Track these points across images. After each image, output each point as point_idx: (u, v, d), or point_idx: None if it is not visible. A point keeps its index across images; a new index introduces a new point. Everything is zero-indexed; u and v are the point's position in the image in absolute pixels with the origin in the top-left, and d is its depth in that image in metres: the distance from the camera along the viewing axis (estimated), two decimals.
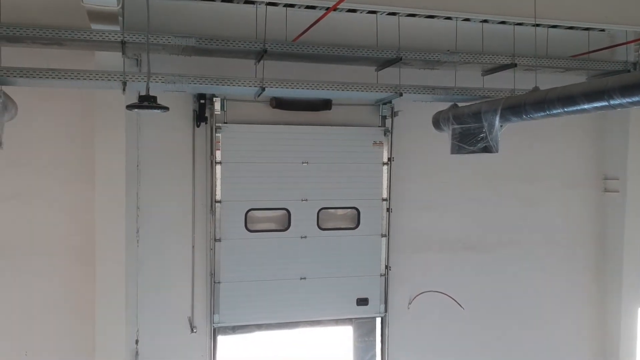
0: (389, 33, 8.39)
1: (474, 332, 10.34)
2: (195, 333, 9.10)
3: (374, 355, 10.04)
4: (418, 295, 10.01)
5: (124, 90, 6.84)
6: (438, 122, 8.43)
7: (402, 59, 7.88)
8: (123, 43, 6.74)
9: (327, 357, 9.94)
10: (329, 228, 9.53)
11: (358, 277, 9.64)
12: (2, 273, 8.33)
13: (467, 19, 9.10)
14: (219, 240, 9.02)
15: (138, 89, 7.33)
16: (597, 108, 5.77)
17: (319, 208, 9.44)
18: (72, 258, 8.47)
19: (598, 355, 11.06)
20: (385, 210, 9.69)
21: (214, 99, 8.77)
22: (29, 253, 8.35)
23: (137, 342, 8.78)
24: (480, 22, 9.16)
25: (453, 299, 10.08)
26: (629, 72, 9.02)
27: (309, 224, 9.40)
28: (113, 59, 7.28)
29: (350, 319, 9.87)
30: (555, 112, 6.31)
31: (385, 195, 9.67)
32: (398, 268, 9.90)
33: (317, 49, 7.65)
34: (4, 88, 6.50)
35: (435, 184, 10.11)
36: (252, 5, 7.91)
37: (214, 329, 9.19)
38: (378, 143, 9.58)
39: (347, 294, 9.63)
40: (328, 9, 6.59)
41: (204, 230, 9.10)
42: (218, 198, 8.97)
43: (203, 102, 8.76)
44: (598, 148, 10.94)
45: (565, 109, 6.16)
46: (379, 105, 9.56)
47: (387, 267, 9.77)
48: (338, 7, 8.27)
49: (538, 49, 9.19)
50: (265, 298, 9.25)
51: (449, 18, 8.98)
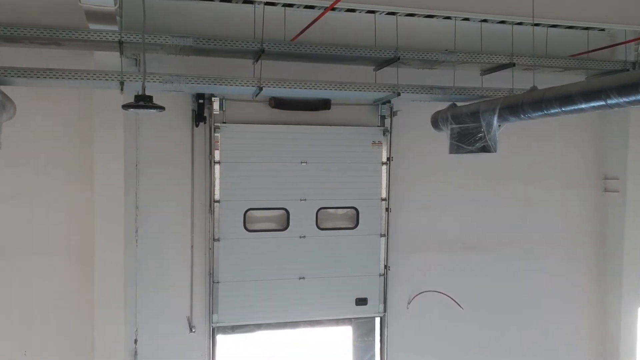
0: (388, 33, 8.39)
1: (474, 332, 10.32)
2: (194, 333, 9.11)
3: (373, 355, 10.03)
4: (417, 295, 9.99)
5: (122, 90, 6.85)
6: (437, 121, 8.42)
7: (399, 59, 7.87)
8: (121, 43, 6.75)
9: (326, 357, 9.93)
10: (328, 228, 9.52)
11: (357, 277, 9.63)
12: (1, 273, 8.35)
13: (466, 19, 9.11)
14: (218, 240, 9.02)
15: (137, 89, 7.33)
16: (594, 108, 5.74)
17: (318, 208, 9.44)
18: (71, 258, 8.49)
19: (598, 355, 11.03)
20: (384, 210, 9.68)
21: (213, 99, 8.76)
22: (28, 253, 8.37)
23: (136, 341, 8.79)
24: (480, 21, 9.16)
25: (452, 299, 10.05)
26: (628, 71, 9.00)
27: (308, 224, 9.39)
28: (112, 59, 7.28)
29: (350, 319, 9.86)
30: (553, 111, 6.29)
31: (384, 195, 9.67)
32: (397, 268, 9.89)
33: (314, 49, 7.64)
34: (2, 88, 6.50)
35: (435, 184, 10.09)
36: (251, 5, 7.93)
37: (213, 329, 9.19)
38: (377, 143, 9.57)
39: (346, 294, 9.62)
40: (325, 9, 6.56)
41: (203, 230, 9.10)
42: (217, 198, 8.97)
43: (202, 101, 8.77)
44: (598, 148, 10.91)
45: (563, 109, 6.13)
46: (378, 105, 9.54)
47: (386, 267, 9.76)
48: (337, 6, 8.33)
49: (538, 49, 9.20)
50: (264, 298, 9.25)
51: (448, 18, 8.99)
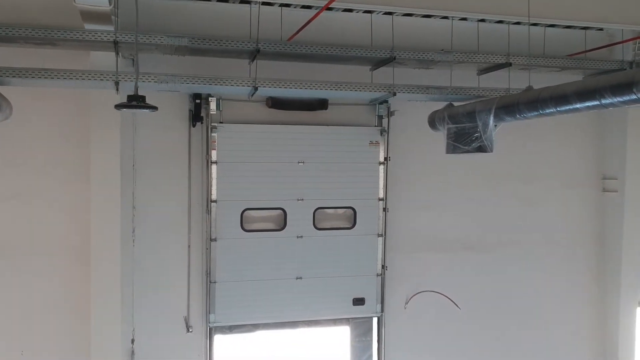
0: (385, 32, 8.36)
1: (472, 332, 10.29)
2: (191, 332, 9.11)
3: (371, 355, 10.02)
4: (415, 295, 9.97)
5: (117, 90, 6.86)
6: (434, 121, 8.41)
7: (395, 59, 7.86)
8: (116, 43, 6.75)
9: (324, 357, 9.93)
10: (325, 228, 9.52)
11: (354, 277, 9.62)
12: None
13: (463, 19, 9.08)
14: (215, 240, 9.02)
15: (133, 89, 7.36)
16: (589, 107, 5.72)
17: (315, 208, 9.44)
18: (69, 258, 8.51)
19: (597, 355, 11.00)
20: (382, 210, 9.68)
21: (210, 99, 8.78)
22: (26, 253, 8.39)
23: (133, 341, 8.80)
24: (477, 21, 9.13)
25: (450, 299, 10.03)
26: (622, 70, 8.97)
27: (305, 224, 9.39)
28: (108, 59, 7.29)
29: (348, 319, 9.86)
30: (549, 111, 6.26)
31: (382, 195, 9.66)
32: (395, 268, 9.87)
33: (310, 49, 7.64)
34: None
35: (433, 184, 10.07)
36: (248, 5, 7.88)
37: (210, 329, 9.20)
38: (374, 143, 9.56)
39: (343, 294, 9.61)
40: (320, 9, 6.55)
41: (200, 230, 9.10)
42: (214, 198, 8.98)
43: (199, 101, 8.77)
44: (597, 148, 10.88)
45: (558, 109, 6.11)
46: (376, 105, 9.54)
47: (383, 267, 9.75)
48: (334, 6, 8.31)
49: (536, 49, 9.22)
50: (261, 298, 9.25)
51: (446, 17, 8.96)
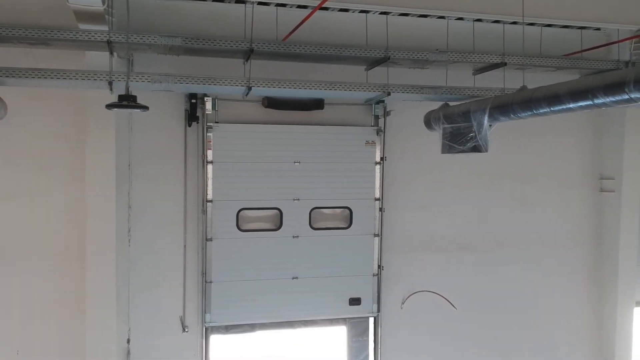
0: (383, 32, 8.33)
1: (468, 332, 10.28)
2: (187, 332, 9.12)
3: (368, 355, 10.01)
4: (411, 295, 9.96)
5: (112, 90, 6.85)
6: (429, 121, 8.39)
7: (390, 58, 7.83)
8: (109, 43, 6.74)
9: (321, 357, 9.92)
10: (321, 228, 9.52)
11: (350, 276, 9.62)
12: None
13: (460, 18, 9.07)
14: (211, 240, 9.02)
15: (132, 89, 7.33)
16: (582, 107, 5.70)
17: (311, 208, 9.43)
18: (64, 257, 8.50)
19: (594, 355, 10.98)
20: (378, 210, 9.67)
21: (205, 99, 8.78)
22: (21, 252, 8.39)
23: (128, 341, 8.81)
24: (473, 21, 9.11)
25: (446, 299, 10.02)
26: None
27: (301, 224, 9.38)
28: (104, 59, 7.25)
29: (344, 319, 9.85)
30: (542, 111, 6.25)
31: (378, 195, 9.65)
32: (391, 268, 9.86)
33: (304, 48, 7.61)
34: None
35: (429, 184, 10.06)
36: (245, 5, 7.87)
37: (206, 329, 9.20)
38: (370, 142, 9.55)
39: (339, 294, 9.61)
40: (314, 8, 6.54)
41: (196, 230, 9.10)
42: (209, 197, 8.97)
43: (194, 101, 8.77)
44: (594, 148, 10.86)
45: (552, 108, 6.09)
46: (372, 105, 9.52)
47: (379, 266, 9.75)
48: (330, 6, 8.32)
49: (532, 48, 9.20)
50: (257, 298, 9.24)
51: (442, 17, 8.95)
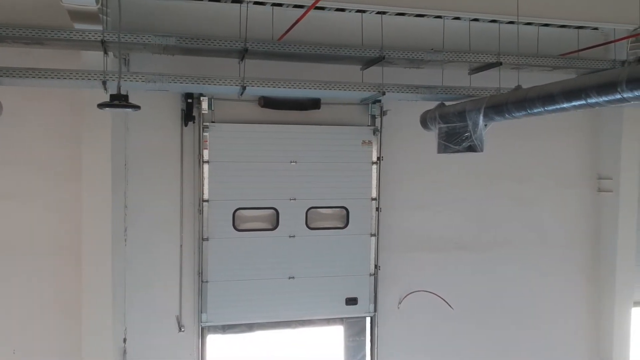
0: (380, 32, 8.32)
1: (465, 332, 10.26)
2: (184, 332, 9.12)
3: (365, 355, 10.00)
4: (408, 295, 9.94)
5: (106, 90, 6.85)
6: (425, 121, 8.40)
7: (384, 58, 7.82)
8: (103, 42, 6.74)
9: (318, 356, 9.91)
10: (318, 227, 9.51)
11: (347, 276, 9.61)
12: None
13: (457, 18, 9.05)
14: (207, 240, 9.02)
15: (127, 88, 7.36)
16: (576, 107, 5.70)
17: (308, 207, 9.43)
18: (60, 257, 8.51)
19: (592, 355, 10.95)
20: (375, 210, 9.66)
21: (202, 98, 8.77)
22: (17, 252, 8.40)
23: (125, 340, 8.82)
24: (469, 20, 9.08)
25: (442, 299, 10.00)
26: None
27: (298, 224, 9.38)
28: (99, 59, 7.25)
29: (341, 319, 9.84)
30: (536, 111, 6.24)
31: (375, 195, 9.64)
32: (388, 268, 9.85)
33: (299, 48, 7.60)
34: None
35: (426, 183, 10.04)
36: (242, 5, 7.88)
37: (202, 328, 9.20)
38: (367, 142, 9.55)
39: (336, 294, 9.60)
40: (308, 8, 6.53)
41: (192, 230, 9.10)
42: (206, 197, 8.97)
43: (190, 101, 8.76)
44: (592, 147, 10.82)
45: (546, 108, 6.09)
46: (369, 105, 9.50)
47: (376, 266, 9.74)
48: (326, 6, 8.31)
49: (530, 48, 9.19)
50: (253, 297, 9.24)
51: (439, 17, 8.93)
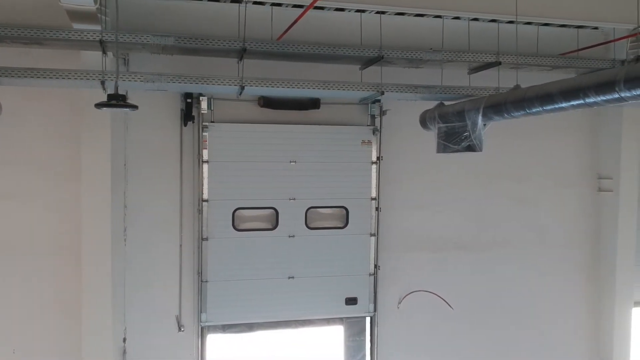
0: (379, 32, 8.32)
1: (465, 332, 10.25)
2: (183, 332, 9.12)
3: (365, 355, 10.00)
4: (407, 295, 9.93)
5: (105, 89, 6.86)
6: (425, 121, 8.39)
7: (383, 58, 7.81)
8: (102, 42, 6.74)
9: (318, 356, 9.91)
10: (317, 227, 9.51)
11: (347, 276, 9.61)
12: None
13: (456, 17, 9.04)
14: (207, 239, 9.02)
15: (126, 88, 7.38)
16: (574, 106, 5.69)
17: (307, 207, 9.43)
18: (60, 257, 8.51)
19: (592, 355, 10.93)
20: (374, 210, 9.65)
21: (201, 98, 8.78)
22: (17, 252, 8.41)
23: (124, 340, 8.83)
24: (469, 20, 9.07)
25: (442, 299, 9.99)
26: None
27: (297, 223, 9.38)
28: (99, 58, 7.25)
29: (341, 319, 9.84)
30: (535, 110, 6.23)
31: (374, 195, 9.63)
32: (388, 267, 9.85)
33: (297, 48, 7.59)
34: None
35: (426, 183, 10.03)
36: (241, 5, 7.86)
37: (202, 328, 9.20)
38: (367, 142, 9.54)
39: (335, 294, 9.60)
40: (306, 7, 6.53)
41: (192, 229, 9.11)
42: (205, 197, 8.98)
43: (190, 101, 8.77)
44: (592, 147, 10.80)
45: (544, 107, 6.08)
46: (368, 104, 9.50)
47: (376, 266, 9.73)
48: (326, 6, 8.31)
49: (530, 47, 9.18)
50: (253, 297, 9.24)
51: (439, 17, 8.92)
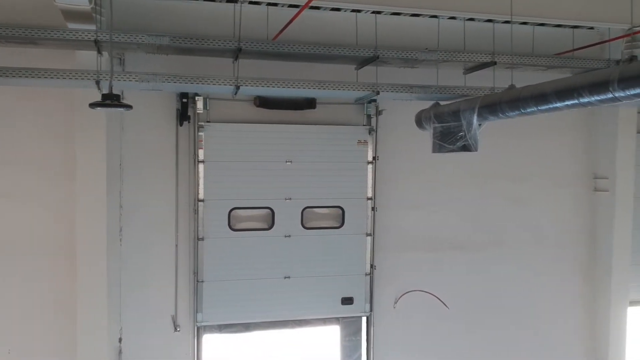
0: (375, 31, 8.30)
1: (461, 331, 10.26)
2: (179, 332, 9.11)
3: (361, 355, 10.00)
4: (404, 295, 9.94)
5: (99, 89, 6.84)
6: (420, 120, 8.37)
7: (379, 57, 7.81)
8: (97, 42, 6.73)
9: (314, 356, 9.92)
10: (313, 227, 9.50)
11: (343, 276, 9.60)
12: None
13: (452, 17, 9.04)
14: (202, 239, 9.02)
15: (121, 88, 7.37)
16: (568, 106, 5.69)
17: (303, 207, 9.42)
18: (55, 257, 8.49)
19: (588, 354, 10.95)
20: (370, 209, 9.65)
21: (197, 98, 8.77)
22: (12, 252, 8.38)
23: (120, 340, 8.82)
24: (465, 20, 9.08)
25: (438, 299, 10.00)
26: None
27: (293, 223, 9.37)
28: (94, 58, 7.25)
29: (338, 318, 9.84)
30: (530, 110, 6.22)
31: (370, 194, 9.63)
32: (384, 267, 9.85)
33: (293, 48, 7.59)
34: None
35: (422, 183, 10.03)
36: (237, 5, 7.86)
37: (198, 328, 9.20)
38: (363, 142, 9.54)
39: (331, 293, 9.60)
40: (301, 7, 6.53)
41: (188, 229, 9.10)
42: (201, 197, 8.97)
43: (186, 100, 8.75)
44: (588, 147, 10.81)
45: (539, 107, 6.07)
46: (364, 104, 9.50)
47: (372, 266, 9.74)
48: (321, 5, 8.30)
49: (526, 47, 9.19)
50: (249, 297, 9.23)
51: (434, 16, 8.92)
